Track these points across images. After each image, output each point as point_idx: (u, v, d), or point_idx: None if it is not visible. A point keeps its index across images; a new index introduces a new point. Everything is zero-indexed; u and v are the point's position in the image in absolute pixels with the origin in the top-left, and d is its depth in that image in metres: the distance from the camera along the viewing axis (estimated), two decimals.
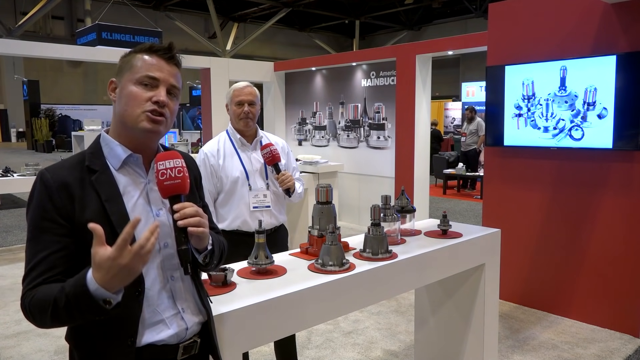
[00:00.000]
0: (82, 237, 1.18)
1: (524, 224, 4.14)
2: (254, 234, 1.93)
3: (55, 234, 1.18)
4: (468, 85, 17.28)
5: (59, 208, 1.19)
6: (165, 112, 1.27)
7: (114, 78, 1.31)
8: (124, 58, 1.31)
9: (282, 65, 7.99)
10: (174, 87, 1.29)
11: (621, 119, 3.51)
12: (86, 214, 1.19)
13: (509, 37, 4.15)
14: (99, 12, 17.76)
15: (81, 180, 1.22)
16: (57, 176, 1.21)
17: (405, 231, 2.43)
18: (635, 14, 3.46)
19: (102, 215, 1.20)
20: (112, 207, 1.22)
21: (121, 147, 1.28)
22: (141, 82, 1.25)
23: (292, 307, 1.69)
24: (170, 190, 1.22)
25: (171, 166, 1.22)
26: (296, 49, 27.02)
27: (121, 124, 1.28)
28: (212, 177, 2.55)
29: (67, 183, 1.21)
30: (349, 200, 7.27)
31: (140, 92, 1.25)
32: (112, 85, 1.31)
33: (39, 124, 21.99)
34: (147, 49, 1.29)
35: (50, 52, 6.43)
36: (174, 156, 1.25)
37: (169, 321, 1.28)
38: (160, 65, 1.27)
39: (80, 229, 1.18)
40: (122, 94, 1.27)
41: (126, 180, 1.27)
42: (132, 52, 1.31)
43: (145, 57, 1.28)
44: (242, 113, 2.53)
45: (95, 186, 1.23)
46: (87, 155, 1.27)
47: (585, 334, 3.66)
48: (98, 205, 1.21)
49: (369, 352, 3.40)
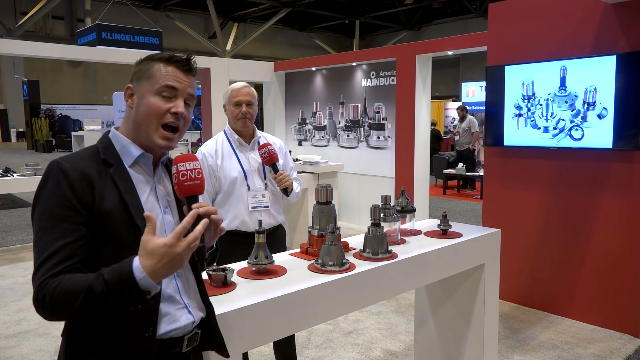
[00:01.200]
0: (99, 227, 1.20)
1: (524, 224, 4.14)
2: (252, 234, 1.93)
3: (74, 222, 1.18)
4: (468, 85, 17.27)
5: (80, 196, 1.19)
6: (180, 123, 1.32)
7: (130, 84, 1.33)
8: (142, 65, 1.33)
9: (282, 65, 7.99)
10: (191, 95, 1.34)
11: (621, 119, 3.50)
12: (106, 204, 1.21)
13: (509, 37, 4.15)
14: (99, 12, 17.75)
15: (99, 171, 1.25)
16: (75, 165, 1.22)
17: (405, 231, 2.43)
18: (635, 14, 3.46)
19: (121, 207, 1.23)
20: (131, 200, 1.25)
21: (133, 146, 1.32)
22: (160, 93, 1.29)
23: (292, 307, 1.69)
24: (190, 190, 1.27)
25: (191, 167, 1.27)
26: (296, 49, 27.02)
27: (136, 130, 1.32)
28: (211, 178, 2.55)
29: (87, 172, 1.22)
30: (349, 200, 7.27)
31: (159, 103, 1.29)
32: (129, 91, 1.33)
33: (39, 124, 21.99)
34: (167, 59, 1.31)
35: (50, 52, 6.44)
36: (193, 158, 1.29)
37: (177, 314, 1.31)
38: (178, 76, 1.31)
39: (99, 219, 1.20)
40: (141, 102, 1.30)
41: (137, 178, 1.31)
42: (150, 59, 1.33)
43: (164, 67, 1.30)
44: (239, 113, 2.53)
45: (114, 178, 1.25)
46: (100, 149, 1.30)
47: (585, 334, 3.66)
48: (117, 196, 1.24)
49: (369, 352, 3.40)
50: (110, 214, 1.22)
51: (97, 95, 25.77)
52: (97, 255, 1.21)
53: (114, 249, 1.21)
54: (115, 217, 1.22)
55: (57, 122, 24.12)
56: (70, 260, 1.16)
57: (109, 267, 1.12)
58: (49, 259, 1.15)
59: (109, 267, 1.12)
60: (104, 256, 1.20)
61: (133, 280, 1.09)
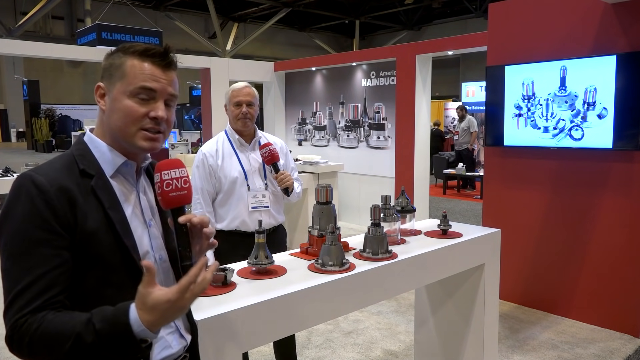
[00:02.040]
0: (83, 249, 1.06)
1: (524, 224, 4.14)
2: (252, 234, 1.93)
3: (53, 247, 1.02)
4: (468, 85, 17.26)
5: (59, 216, 1.03)
6: (162, 127, 1.16)
7: (101, 82, 1.16)
8: (112, 59, 1.15)
9: (282, 65, 7.99)
10: (172, 95, 1.18)
11: (621, 119, 3.50)
12: (90, 223, 1.06)
13: (509, 37, 4.15)
14: (99, 12, 17.75)
15: (78, 185, 1.08)
16: (52, 179, 1.05)
17: (405, 231, 2.43)
18: (635, 14, 3.46)
19: (106, 225, 1.09)
20: (116, 216, 1.10)
21: (114, 153, 1.15)
22: (136, 95, 1.12)
23: (292, 307, 1.69)
24: (177, 202, 1.14)
25: (177, 176, 1.13)
26: (296, 49, 27.01)
27: (112, 134, 1.16)
28: (211, 178, 2.55)
29: (66, 187, 1.05)
30: (349, 200, 7.26)
31: (135, 107, 1.12)
32: (100, 90, 1.16)
33: (39, 124, 22.00)
34: (140, 53, 1.13)
35: (50, 52, 6.44)
36: (178, 165, 1.15)
37: (169, 339, 1.21)
38: (155, 74, 1.13)
39: (82, 240, 1.05)
40: (114, 106, 1.13)
41: (119, 189, 1.16)
42: (121, 51, 1.15)
43: (138, 64, 1.13)
44: (240, 114, 2.53)
45: (96, 192, 1.09)
46: (77, 158, 1.12)
47: (585, 334, 3.66)
48: (101, 213, 1.09)
49: (369, 352, 3.39)
50: (95, 234, 1.06)
51: None
52: (82, 281, 1.06)
53: (101, 273, 1.08)
54: (101, 237, 1.07)
55: (57, 122, 24.14)
56: (50, 292, 1.00)
57: (100, 314, 0.98)
58: (24, 292, 0.98)
59: (101, 314, 0.98)
60: (90, 281, 1.07)
61: (130, 333, 0.96)
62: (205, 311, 1.48)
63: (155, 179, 1.15)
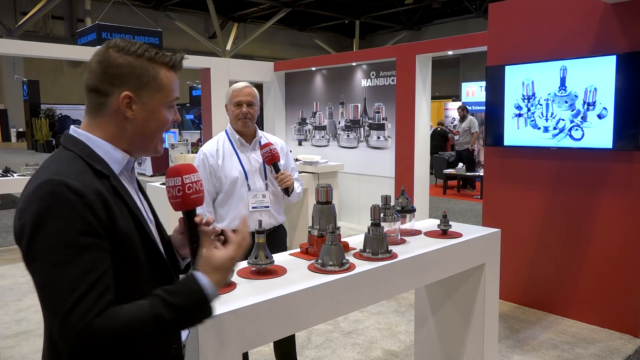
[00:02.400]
0: (119, 251, 1.07)
1: (524, 224, 4.14)
2: (253, 234, 1.93)
3: (100, 250, 1.01)
4: (468, 85, 17.26)
5: (101, 219, 1.02)
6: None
7: (129, 92, 1.12)
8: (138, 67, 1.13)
9: (282, 65, 7.99)
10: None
11: (621, 119, 3.50)
12: (122, 224, 1.08)
13: (509, 37, 4.15)
14: (99, 12, 17.75)
15: (102, 186, 1.08)
16: (85, 182, 1.03)
17: (405, 231, 2.43)
18: (635, 14, 3.46)
19: (132, 224, 1.12)
20: (139, 214, 1.15)
21: (118, 152, 1.16)
22: (171, 106, 1.19)
23: (292, 307, 1.69)
24: (195, 204, 1.20)
25: (196, 180, 1.21)
26: (296, 49, 27.02)
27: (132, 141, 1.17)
28: (211, 177, 2.55)
29: (99, 190, 1.05)
30: (349, 200, 7.26)
31: (168, 117, 1.19)
32: (127, 100, 1.12)
33: (39, 124, 22.01)
34: (171, 65, 1.17)
35: (50, 52, 6.44)
36: (195, 170, 1.22)
37: None
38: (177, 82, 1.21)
39: (118, 242, 1.07)
40: (152, 117, 1.15)
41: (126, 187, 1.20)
42: (152, 61, 1.15)
43: (171, 76, 1.17)
44: (240, 114, 2.53)
45: (119, 192, 1.12)
46: (86, 159, 1.11)
47: (585, 334, 3.66)
48: (126, 212, 1.11)
49: (369, 352, 3.39)
50: (128, 234, 1.09)
51: None
52: (120, 281, 1.06)
53: (134, 272, 1.11)
54: (133, 237, 1.11)
55: (57, 122, 24.15)
56: (108, 294, 0.99)
57: (164, 293, 1.02)
58: (83, 299, 0.95)
59: (167, 291, 1.03)
60: (126, 280, 1.08)
61: (206, 301, 1.05)
62: None
63: (172, 182, 1.19)
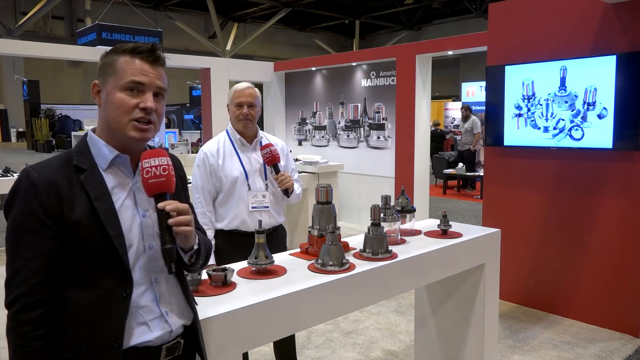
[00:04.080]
0: (69, 238, 1.18)
1: (524, 224, 4.14)
2: (252, 234, 1.93)
3: (39, 236, 1.16)
4: (468, 85, 17.27)
5: (47, 208, 1.16)
6: (152, 117, 1.25)
7: (96, 80, 1.28)
8: (106, 58, 1.26)
9: (282, 65, 7.99)
10: (161, 88, 1.27)
11: (621, 119, 3.50)
12: (75, 214, 1.17)
13: (509, 37, 4.15)
14: (99, 12, 17.75)
15: (69, 179, 1.20)
16: (44, 175, 1.18)
17: (405, 231, 2.43)
18: (635, 14, 3.46)
19: (91, 215, 1.19)
20: (102, 206, 1.20)
21: (108, 148, 1.26)
22: (127, 88, 1.22)
23: (292, 307, 1.69)
24: (156, 188, 1.21)
25: (156, 164, 1.21)
26: (296, 49, 27.02)
27: (107, 128, 1.26)
28: (212, 177, 2.55)
29: (55, 182, 1.18)
30: (349, 200, 7.26)
31: (126, 98, 1.22)
32: (96, 88, 1.28)
33: (39, 124, 22.00)
34: (130, 51, 1.24)
35: (50, 52, 6.44)
36: (160, 154, 1.23)
37: (152, 324, 1.27)
38: (144, 68, 1.24)
39: (68, 230, 1.17)
40: (107, 100, 1.24)
41: (113, 181, 1.25)
42: (114, 51, 1.26)
43: (128, 60, 1.23)
44: (241, 114, 2.53)
45: (84, 185, 1.20)
46: (74, 154, 1.24)
47: (585, 334, 3.66)
48: (87, 204, 1.19)
49: (369, 352, 3.40)
50: (80, 224, 1.18)
51: None
52: (70, 266, 1.19)
53: (87, 259, 1.19)
54: (86, 227, 1.18)
55: (57, 122, 24.13)
56: (34, 278, 1.15)
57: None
58: (17, 274, 1.16)
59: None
60: (77, 266, 1.19)
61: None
62: (205, 311, 1.48)
63: (138, 167, 1.24)
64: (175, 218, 1.20)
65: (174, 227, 1.20)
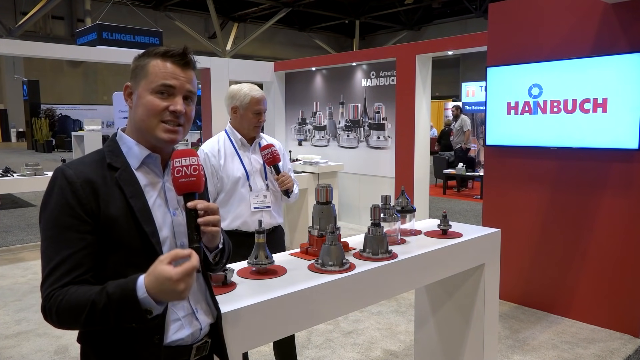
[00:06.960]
0: (106, 234, 1.19)
1: (524, 224, 4.14)
2: (252, 234, 1.93)
3: (79, 231, 1.17)
4: (468, 85, 17.25)
5: (84, 204, 1.17)
6: (181, 120, 1.27)
7: (129, 82, 1.30)
8: (139, 61, 1.29)
9: (282, 65, 7.99)
10: (191, 92, 1.29)
11: (621, 118, 3.50)
12: (111, 210, 1.19)
13: (509, 37, 4.15)
14: (99, 12, 17.75)
15: (103, 177, 1.22)
16: (80, 172, 1.20)
17: (405, 231, 2.43)
18: (635, 14, 3.46)
19: (127, 212, 1.21)
20: (137, 204, 1.23)
21: (139, 147, 1.29)
22: (157, 91, 1.25)
23: (292, 307, 1.69)
24: (186, 188, 1.22)
25: (187, 164, 1.22)
26: (296, 49, 27.02)
27: (138, 129, 1.29)
28: (213, 177, 2.55)
29: (91, 179, 1.20)
30: (349, 200, 7.27)
31: (156, 101, 1.24)
32: (128, 90, 1.31)
33: (39, 124, 22.00)
34: (162, 54, 1.26)
35: (50, 52, 6.44)
36: (190, 154, 1.25)
37: (185, 321, 1.29)
38: (175, 72, 1.26)
39: (105, 226, 1.19)
40: (139, 102, 1.26)
41: (145, 179, 1.28)
42: (146, 54, 1.29)
43: (160, 64, 1.26)
44: (258, 122, 2.55)
45: (119, 183, 1.23)
46: (106, 153, 1.27)
47: (585, 334, 3.66)
48: (123, 201, 1.21)
49: (369, 352, 3.40)
50: (117, 220, 1.19)
51: (97, 95, 25.76)
52: (106, 262, 1.20)
53: (123, 255, 1.21)
54: (122, 223, 1.20)
55: (57, 122, 24.14)
56: (77, 271, 1.15)
57: (115, 282, 1.11)
58: (56, 270, 1.14)
59: (115, 282, 1.11)
60: (113, 263, 1.20)
61: (135, 298, 1.07)
62: None
63: (169, 166, 1.25)
64: (205, 217, 1.21)
65: (202, 227, 1.21)
